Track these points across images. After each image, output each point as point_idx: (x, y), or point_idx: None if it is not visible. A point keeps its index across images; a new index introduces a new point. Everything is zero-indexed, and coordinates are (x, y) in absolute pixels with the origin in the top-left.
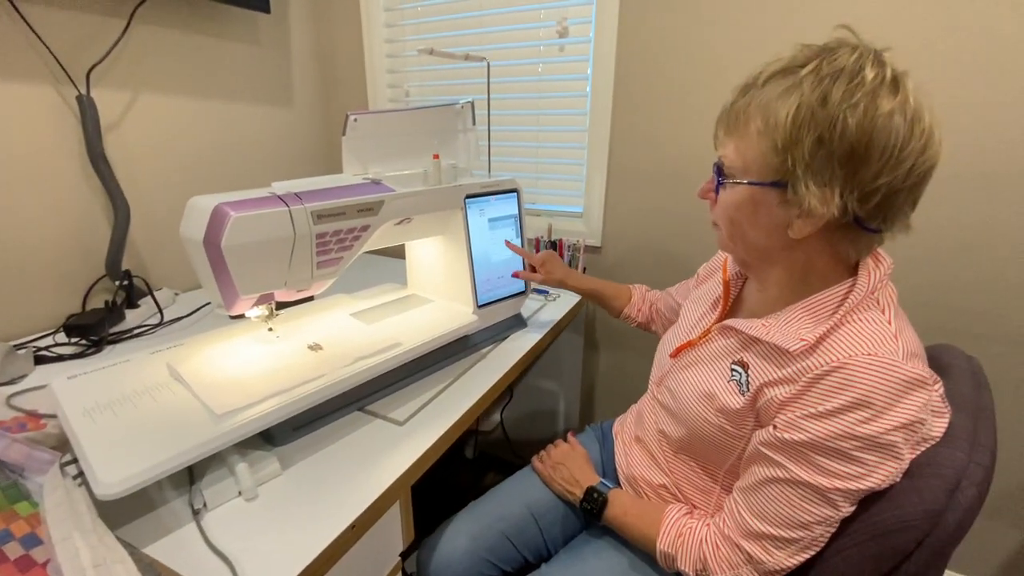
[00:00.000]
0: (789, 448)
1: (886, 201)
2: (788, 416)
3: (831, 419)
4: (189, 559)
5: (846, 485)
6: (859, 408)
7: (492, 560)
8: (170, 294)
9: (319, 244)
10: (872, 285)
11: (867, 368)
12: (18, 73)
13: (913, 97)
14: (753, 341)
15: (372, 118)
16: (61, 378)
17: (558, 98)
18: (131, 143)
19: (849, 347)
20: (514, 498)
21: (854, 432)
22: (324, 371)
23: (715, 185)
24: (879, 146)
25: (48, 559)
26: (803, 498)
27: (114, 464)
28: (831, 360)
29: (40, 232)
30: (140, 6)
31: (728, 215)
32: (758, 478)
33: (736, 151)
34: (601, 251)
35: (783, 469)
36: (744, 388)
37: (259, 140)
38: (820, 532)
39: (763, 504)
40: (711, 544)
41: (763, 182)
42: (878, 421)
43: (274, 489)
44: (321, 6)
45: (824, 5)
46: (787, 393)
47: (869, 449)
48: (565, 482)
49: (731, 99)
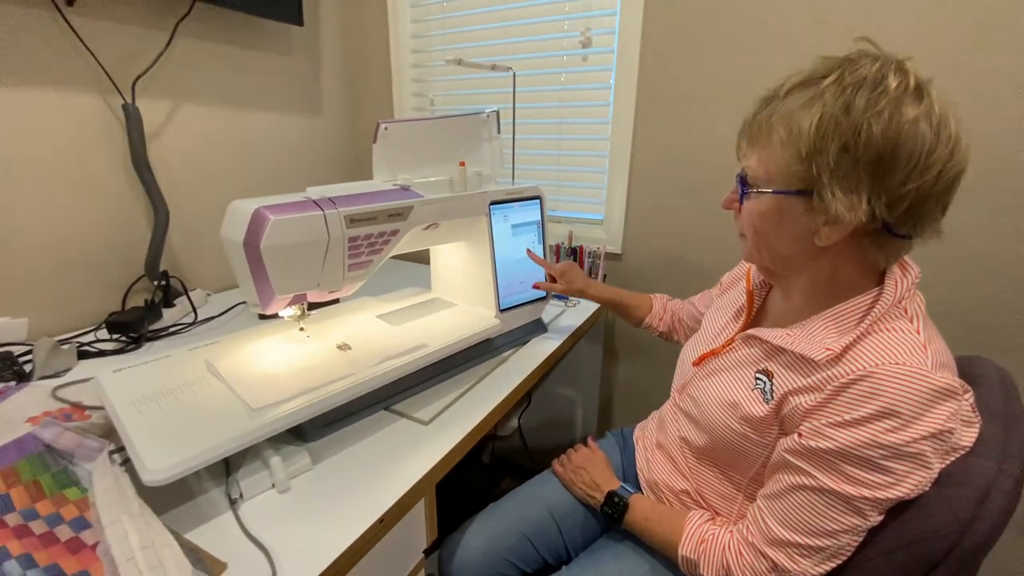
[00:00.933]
0: (815, 456)
1: (915, 206)
2: (813, 424)
3: (857, 428)
4: (227, 545)
5: (874, 494)
6: (886, 417)
7: (512, 560)
8: (203, 294)
9: (351, 247)
10: (899, 294)
11: (894, 377)
12: (69, 83)
13: (938, 104)
14: (778, 351)
15: (402, 126)
16: (107, 372)
17: (580, 107)
18: (171, 150)
19: (876, 356)
20: (535, 500)
21: (880, 441)
22: (353, 370)
23: (739, 195)
24: (906, 152)
25: (97, 541)
26: (829, 506)
27: (160, 453)
28: (858, 369)
29: (85, 233)
30: (183, 20)
31: (753, 225)
32: (783, 485)
33: (759, 161)
34: (621, 258)
35: (809, 477)
36: (768, 396)
37: (289, 147)
38: (847, 541)
39: (788, 511)
40: (734, 551)
41: (788, 191)
42: (905, 431)
43: (305, 482)
44: (351, 19)
45: (848, 18)
46: (812, 401)
47: (896, 458)
48: (586, 486)
49: (753, 111)
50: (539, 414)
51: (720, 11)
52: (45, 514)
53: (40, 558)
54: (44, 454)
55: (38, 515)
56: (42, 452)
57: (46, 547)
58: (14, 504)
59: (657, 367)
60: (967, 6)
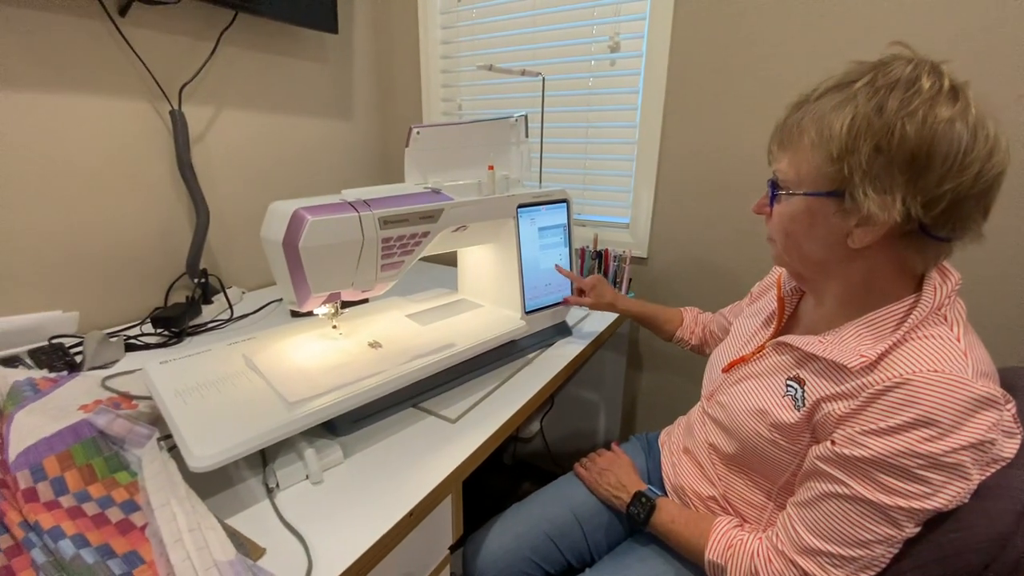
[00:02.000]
0: (848, 464)
1: (954, 208)
2: (847, 431)
3: (893, 436)
4: (265, 532)
5: (909, 504)
6: (923, 426)
7: (535, 560)
8: (238, 292)
9: (384, 248)
10: (939, 300)
11: (933, 385)
12: (121, 90)
13: (975, 105)
14: (810, 358)
15: (433, 131)
16: (154, 363)
17: (608, 111)
18: (212, 153)
19: (913, 363)
20: (559, 501)
21: (916, 450)
22: (383, 368)
23: (769, 199)
24: (941, 152)
25: (146, 523)
26: (863, 515)
27: (205, 440)
28: (894, 376)
29: (133, 232)
30: (227, 30)
31: (783, 228)
32: (815, 493)
33: (790, 164)
34: (647, 262)
35: (842, 485)
36: (799, 403)
37: (322, 151)
38: (880, 552)
39: (820, 520)
40: (763, 557)
41: (818, 192)
42: (943, 440)
43: (337, 475)
44: (382, 26)
45: (878, 22)
46: (845, 408)
47: (933, 468)
48: (611, 487)
49: (784, 115)
50: (561, 417)
51: (750, 14)
52: (97, 496)
53: (92, 538)
54: (97, 439)
55: (90, 497)
56: (95, 437)
57: (98, 527)
58: (68, 486)
59: (682, 373)
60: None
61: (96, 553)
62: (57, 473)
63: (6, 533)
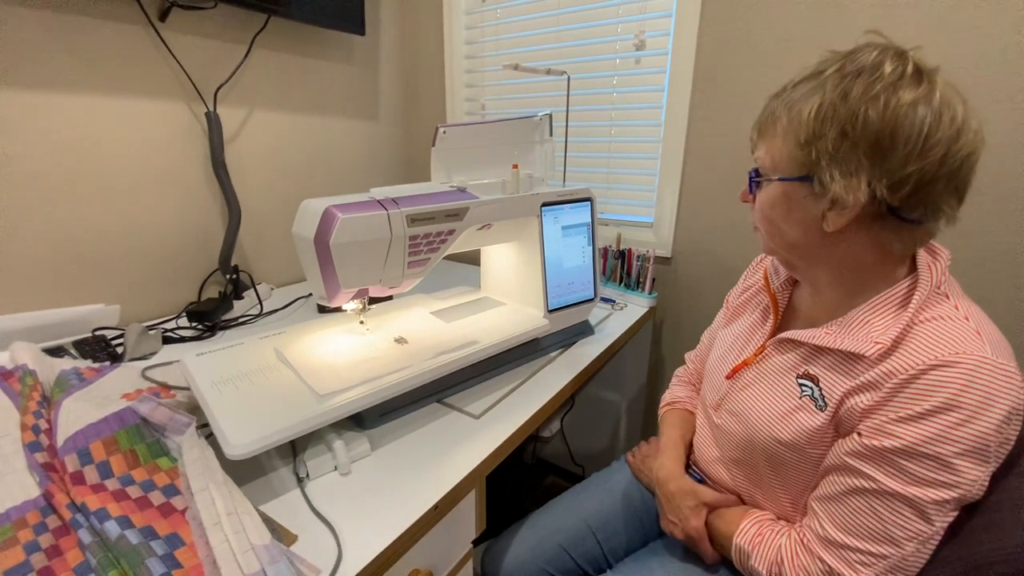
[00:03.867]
0: (877, 456)
1: (921, 190)
2: (875, 421)
3: (924, 422)
4: (296, 519)
5: (940, 495)
6: (953, 410)
7: (551, 571)
8: (267, 288)
9: (411, 245)
10: (936, 279)
11: (959, 368)
12: (160, 91)
13: (940, 89)
14: (819, 352)
15: (459, 130)
16: (191, 355)
17: (632, 109)
18: (244, 153)
19: (934, 348)
20: (571, 511)
21: (950, 435)
22: (410, 362)
23: (750, 187)
24: (903, 135)
25: (186, 507)
26: (892, 511)
27: (241, 429)
28: (917, 363)
29: (169, 229)
30: (259, 33)
31: (764, 214)
32: (841, 488)
33: (767, 151)
34: (671, 262)
35: (870, 480)
36: (820, 403)
37: (348, 150)
38: (912, 551)
39: (847, 516)
40: (789, 550)
41: (791, 177)
42: (974, 422)
43: (365, 467)
44: (408, 28)
45: (907, 23)
46: (870, 400)
47: (966, 454)
48: (651, 470)
49: (765, 105)
50: (582, 417)
51: (778, 11)
52: (140, 480)
53: (136, 520)
54: (140, 426)
55: (134, 481)
56: (138, 424)
57: (141, 510)
58: (113, 470)
59: None
60: None
61: (139, 534)
62: (103, 457)
63: (54, 514)
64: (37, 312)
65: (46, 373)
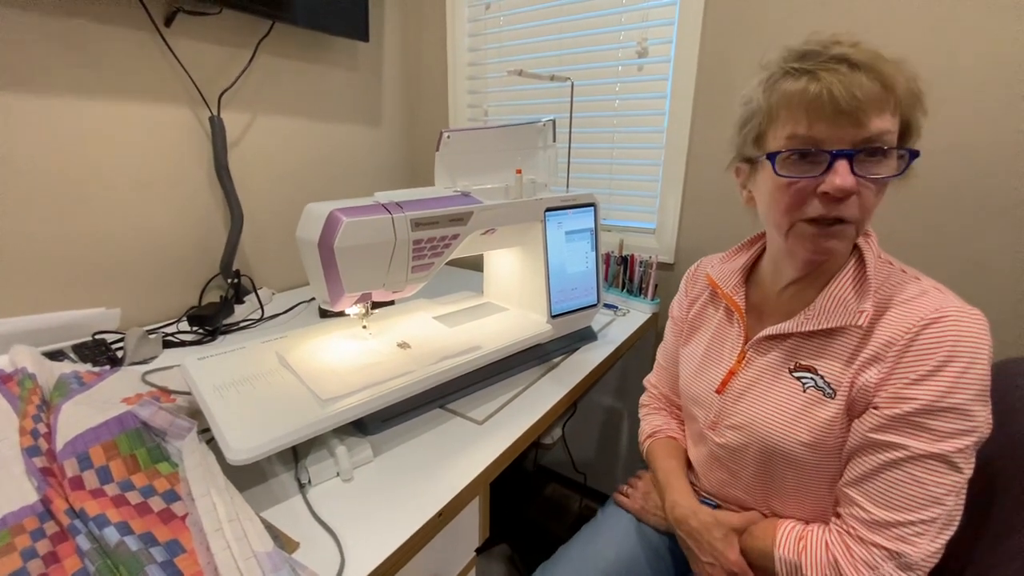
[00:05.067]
0: (902, 423)
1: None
2: (890, 391)
3: (935, 378)
4: (298, 527)
5: (963, 442)
6: (955, 360)
7: None
8: (268, 293)
9: (415, 249)
10: (876, 249)
11: (945, 322)
12: (165, 97)
13: None
14: (804, 341)
15: (463, 135)
16: (192, 359)
17: (635, 116)
18: (248, 158)
19: (915, 308)
20: (588, 564)
21: (960, 383)
22: (413, 367)
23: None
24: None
25: (186, 513)
26: (929, 471)
27: (243, 434)
28: (909, 325)
29: (171, 233)
30: (264, 38)
31: (878, 199)
32: (872, 466)
33: (892, 123)
34: (674, 268)
35: (901, 449)
36: (829, 391)
37: (351, 155)
38: (953, 504)
39: (887, 492)
40: (840, 546)
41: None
42: (975, 366)
43: (367, 473)
44: (411, 34)
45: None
46: (880, 373)
47: (977, 398)
48: (659, 509)
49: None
50: (584, 424)
51: (782, 20)
52: (140, 486)
53: (136, 525)
54: (140, 430)
55: (134, 486)
56: (139, 428)
57: (141, 516)
58: (113, 475)
59: None
60: None
61: (139, 540)
62: (103, 462)
63: (52, 520)
64: (37, 315)
65: (46, 377)
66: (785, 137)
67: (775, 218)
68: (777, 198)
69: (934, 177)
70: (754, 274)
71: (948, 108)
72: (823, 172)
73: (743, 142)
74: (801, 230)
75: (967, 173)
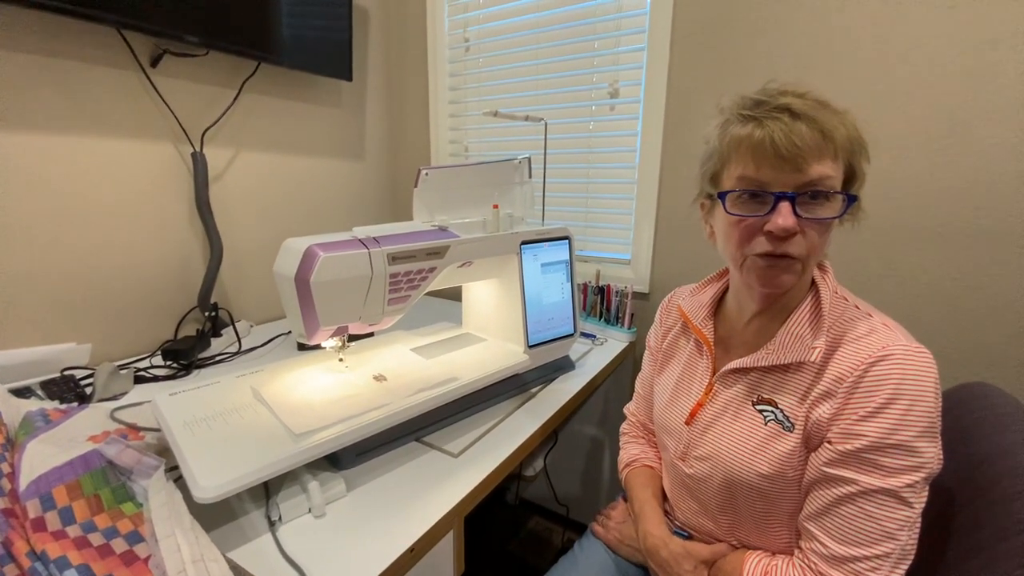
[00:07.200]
0: (852, 458)
1: None
2: (841, 427)
3: (882, 415)
4: (266, 566)
5: (912, 478)
6: (900, 398)
7: None
8: (246, 326)
9: (392, 283)
10: (832, 284)
11: (890, 360)
12: (147, 133)
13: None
14: (765, 374)
15: (441, 172)
16: (163, 395)
17: (608, 152)
18: (228, 193)
19: (863, 347)
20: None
21: (905, 420)
22: (388, 400)
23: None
24: None
25: (149, 555)
26: (881, 506)
27: (212, 471)
28: (857, 363)
29: (150, 269)
30: (249, 78)
31: (824, 241)
32: (827, 501)
33: (832, 168)
34: (649, 297)
35: (852, 484)
36: (787, 424)
37: (334, 190)
38: (906, 538)
39: (842, 526)
40: None
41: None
42: (920, 403)
43: (340, 509)
44: (394, 74)
45: (888, 58)
46: (831, 408)
47: (922, 434)
48: (633, 540)
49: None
50: (566, 455)
51: (745, 60)
52: (103, 527)
53: (97, 568)
54: (106, 469)
55: (96, 528)
56: (104, 468)
57: (103, 558)
58: (75, 516)
59: None
60: None
61: None
62: (66, 503)
63: (12, 563)
64: (5, 351)
65: (12, 415)
66: (736, 177)
67: (730, 251)
68: (730, 233)
69: (889, 210)
70: (722, 307)
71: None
72: (768, 212)
73: (703, 179)
74: (752, 263)
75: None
